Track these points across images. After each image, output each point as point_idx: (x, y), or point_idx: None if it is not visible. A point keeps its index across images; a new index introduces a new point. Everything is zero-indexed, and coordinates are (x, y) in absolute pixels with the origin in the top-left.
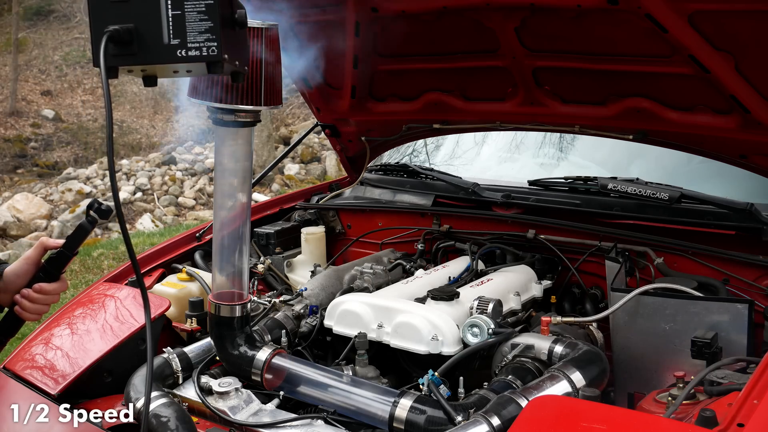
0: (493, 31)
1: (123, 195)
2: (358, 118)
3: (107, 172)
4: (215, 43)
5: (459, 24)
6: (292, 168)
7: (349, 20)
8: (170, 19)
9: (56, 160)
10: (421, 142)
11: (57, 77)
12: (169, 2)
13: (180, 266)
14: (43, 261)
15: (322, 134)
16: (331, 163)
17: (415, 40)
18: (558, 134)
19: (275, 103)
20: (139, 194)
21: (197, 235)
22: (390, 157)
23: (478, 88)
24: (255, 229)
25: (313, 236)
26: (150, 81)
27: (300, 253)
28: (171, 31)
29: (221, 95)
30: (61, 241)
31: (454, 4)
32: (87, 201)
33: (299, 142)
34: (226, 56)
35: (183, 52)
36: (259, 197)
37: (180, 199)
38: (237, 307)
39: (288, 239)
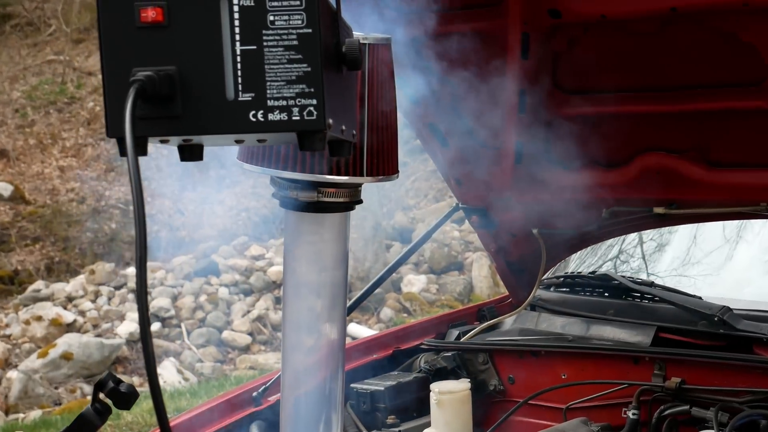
0: (755, 49)
1: (130, 328)
2: (527, 196)
3: (102, 289)
4: (314, 101)
5: (696, 38)
6: (415, 281)
7: (512, 31)
8: (239, 58)
9: (16, 267)
10: (632, 238)
11: (17, 128)
12: (237, 30)
13: None
14: None
15: (466, 224)
16: (481, 273)
17: (623, 65)
18: None
19: (388, 172)
20: (157, 325)
21: (255, 394)
22: (580, 262)
23: (731, 146)
24: (353, 385)
25: (451, 397)
26: (191, 153)
27: (429, 424)
28: (240, 80)
29: (295, 160)
30: None
31: (688, 4)
32: (68, 337)
33: (427, 237)
34: (330, 121)
35: (260, 116)
36: (361, 330)
37: (226, 334)
38: None
39: (409, 401)
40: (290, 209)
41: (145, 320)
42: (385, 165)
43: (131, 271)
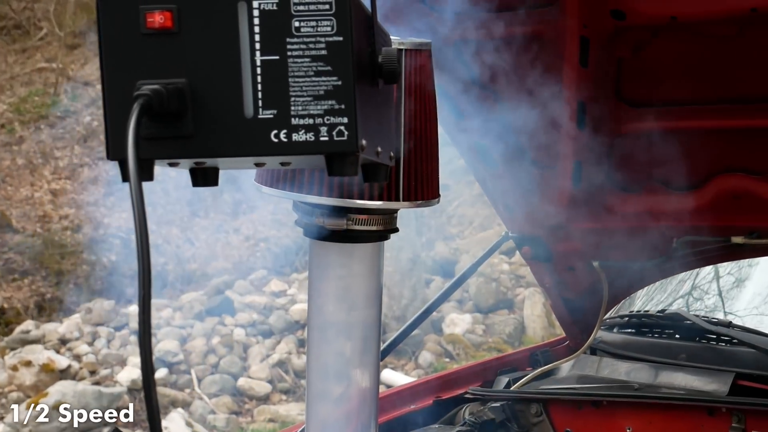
0: None
1: (132, 374)
2: (587, 223)
3: (100, 330)
4: (345, 119)
5: None
6: (458, 321)
7: (569, 36)
8: (259, 69)
9: (2, 306)
10: (707, 272)
11: (3, 145)
12: (258, 38)
13: None
14: None
15: (517, 256)
16: (535, 312)
17: (696, 73)
18: None
19: (427, 196)
20: (163, 371)
21: None
22: (648, 300)
23: None
24: None
25: None
26: (205, 178)
27: None
28: (260, 95)
29: (321, 182)
30: None
31: None
32: (62, 385)
33: (473, 271)
34: (363, 142)
35: (283, 136)
36: (396, 377)
37: (242, 382)
38: None
39: None
40: (315, 238)
41: (148, 367)
42: (424, 188)
43: (134, 309)
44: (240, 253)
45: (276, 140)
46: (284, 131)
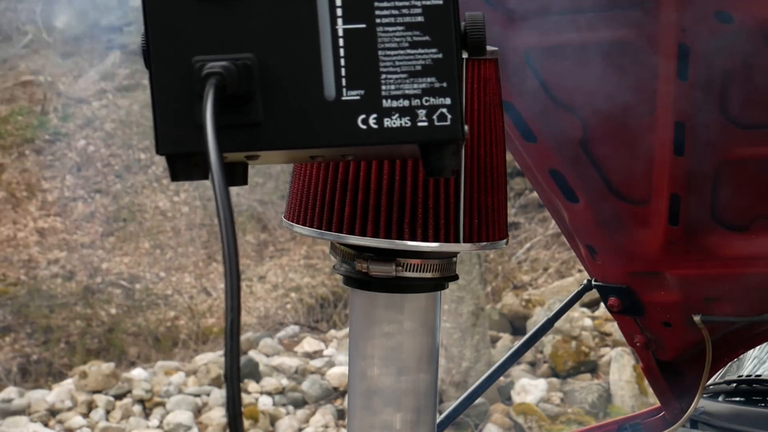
0: None
1: None
2: (686, 270)
3: (97, 399)
4: (447, 99)
5: None
6: (531, 387)
7: (665, 42)
8: (341, 41)
9: None
10: None
11: None
12: (340, 2)
13: None
14: None
15: (601, 309)
16: (623, 377)
17: None
18: None
19: (493, 237)
20: None
21: None
22: (759, 363)
23: None
24: None
25: None
26: (232, 175)
27: None
28: (344, 72)
29: (364, 219)
30: None
31: None
32: None
33: (548, 327)
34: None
35: (372, 122)
36: None
37: None
38: None
39: None
40: (358, 288)
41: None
42: (488, 227)
43: (137, 373)
44: (266, 305)
45: (364, 127)
46: (374, 116)
